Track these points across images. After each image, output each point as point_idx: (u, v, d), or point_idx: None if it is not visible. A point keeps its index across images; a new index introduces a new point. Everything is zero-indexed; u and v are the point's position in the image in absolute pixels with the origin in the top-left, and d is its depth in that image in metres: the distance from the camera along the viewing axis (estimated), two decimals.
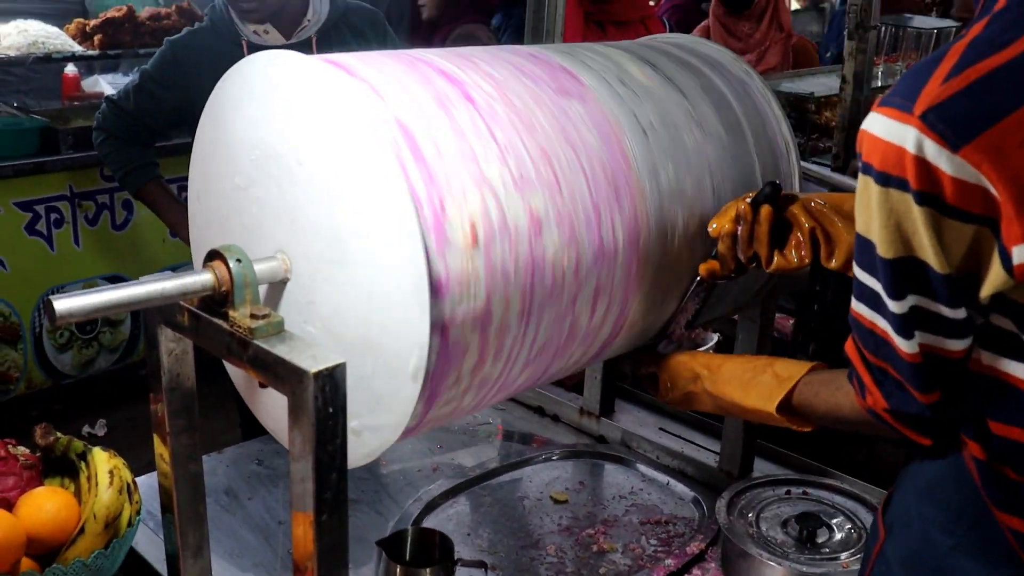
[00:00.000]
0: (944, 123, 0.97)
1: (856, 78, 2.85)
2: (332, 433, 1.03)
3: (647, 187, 1.39)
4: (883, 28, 3.53)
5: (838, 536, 1.63)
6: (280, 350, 1.05)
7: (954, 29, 3.86)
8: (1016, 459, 1.06)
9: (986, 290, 1.02)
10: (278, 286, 1.24)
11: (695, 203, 1.47)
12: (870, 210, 1.05)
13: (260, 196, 1.25)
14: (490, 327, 1.21)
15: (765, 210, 1.41)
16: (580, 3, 3.46)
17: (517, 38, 4.51)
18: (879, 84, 3.50)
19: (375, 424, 1.21)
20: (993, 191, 0.96)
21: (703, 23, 4.05)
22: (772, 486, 1.77)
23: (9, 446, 1.57)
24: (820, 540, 1.61)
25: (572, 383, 2.30)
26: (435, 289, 1.11)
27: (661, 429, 2.17)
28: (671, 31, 4.06)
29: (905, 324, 1.06)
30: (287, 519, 1.79)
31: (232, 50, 2.49)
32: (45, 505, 1.49)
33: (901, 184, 1.00)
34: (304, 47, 2.61)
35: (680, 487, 1.94)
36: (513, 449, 2.12)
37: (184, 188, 1.47)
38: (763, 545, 1.59)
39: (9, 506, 1.49)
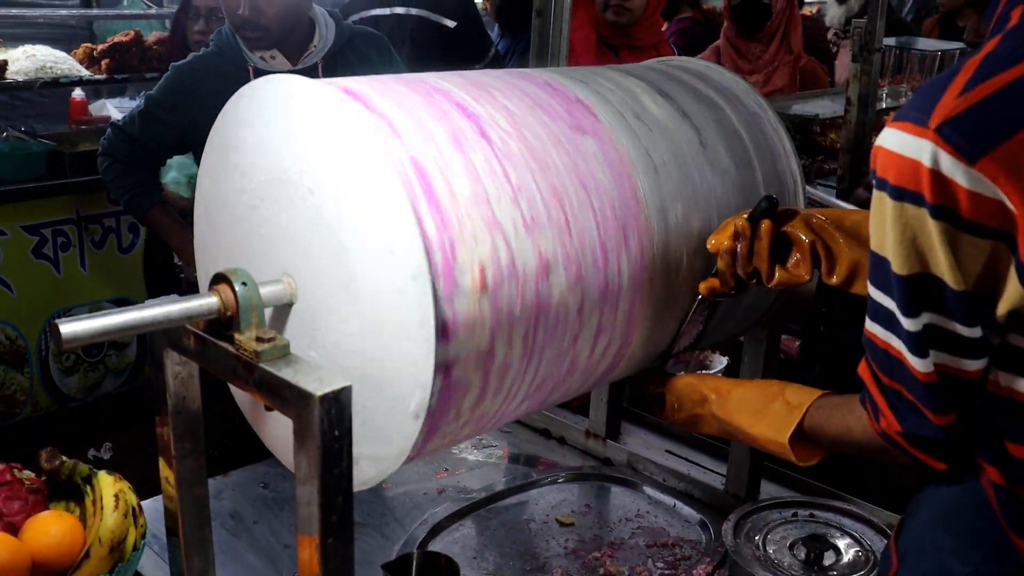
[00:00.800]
0: (960, 136, 0.96)
1: (861, 100, 2.85)
2: (338, 456, 1.03)
3: (655, 227, 1.40)
4: (887, 50, 3.54)
5: (845, 559, 1.62)
6: (286, 373, 1.05)
7: (958, 51, 3.87)
8: None
9: (1003, 307, 1.01)
10: (284, 308, 1.24)
11: (701, 241, 1.47)
12: (885, 226, 1.04)
13: (267, 219, 1.25)
14: (492, 366, 1.22)
15: (765, 224, 1.40)
16: (595, 28, 3.48)
17: (524, 62, 4.54)
18: (884, 106, 3.51)
19: (373, 454, 1.21)
20: (1010, 205, 0.96)
21: (714, 44, 4.06)
22: (779, 508, 1.76)
23: (15, 470, 1.57)
24: (827, 563, 1.60)
25: (578, 405, 2.29)
26: (441, 333, 1.12)
27: (667, 451, 2.16)
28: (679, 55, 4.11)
29: (919, 343, 1.05)
30: (293, 543, 1.79)
31: (238, 75, 2.51)
32: (50, 529, 1.49)
33: (916, 199, 0.99)
34: (310, 72, 2.63)
35: (687, 510, 1.94)
36: (519, 472, 2.12)
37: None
38: (770, 568, 1.58)
39: (14, 530, 1.49)
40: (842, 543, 1.65)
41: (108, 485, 1.56)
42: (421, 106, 1.24)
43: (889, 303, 1.07)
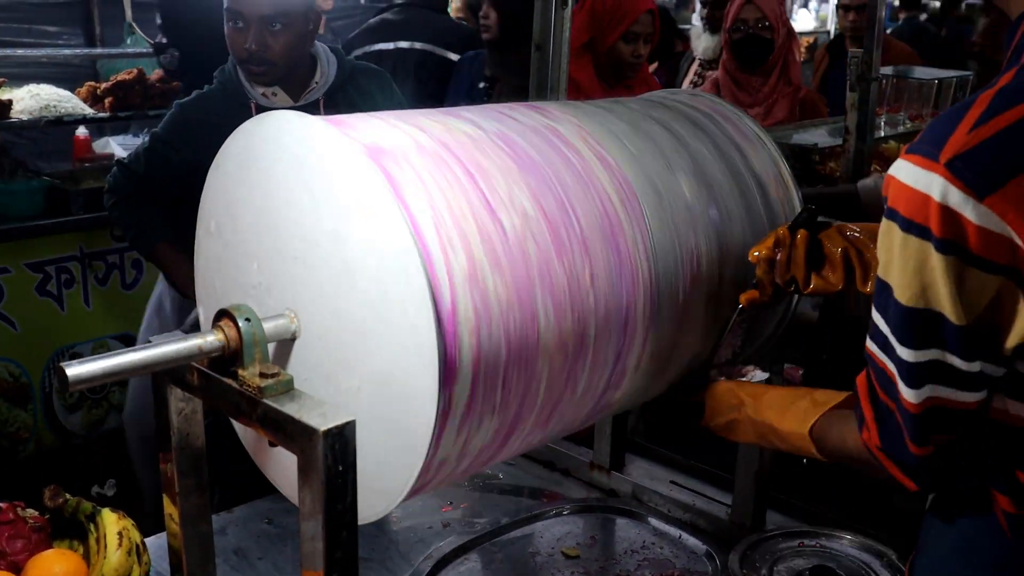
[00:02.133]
0: (970, 171, 0.97)
1: (859, 129, 2.86)
2: (342, 491, 1.03)
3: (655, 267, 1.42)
4: (884, 80, 3.56)
5: None
6: (290, 408, 1.05)
7: (955, 80, 3.89)
8: None
9: (1012, 340, 1.02)
10: (287, 343, 1.24)
11: (705, 269, 1.49)
12: (891, 254, 1.05)
13: (270, 258, 1.25)
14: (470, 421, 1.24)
15: (801, 233, 1.45)
16: (597, 74, 3.55)
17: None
18: (882, 134, 3.52)
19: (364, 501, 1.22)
20: (1019, 241, 0.96)
21: (712, 77, 4.09)
22: (786, 538, 1.75)
23: (18, 508, 1.57)
24: None
25: (582, 436, 2.29)
26: (444, 374, 1.13)
27: (672, 482, 2.15)
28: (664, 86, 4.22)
29: (915, 374, 1.06)
30: None
31: (240, 112, 2.53)
32: (54, 568, 1.48)
33: (922, 232, 1.00)
34: (312, 108, 2.65)
35: (692, 540, 1.93)
36: (523, 504, 2.11)
37: None
38: None
39: (18, 569, 1.48)
40: (850, 573, 1.64)
41: (112, 523, 1.55)
42: (453, 191, 1.21)
43: (885, 328, 1.08)
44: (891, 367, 1.09)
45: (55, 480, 1.62)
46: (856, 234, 1.44)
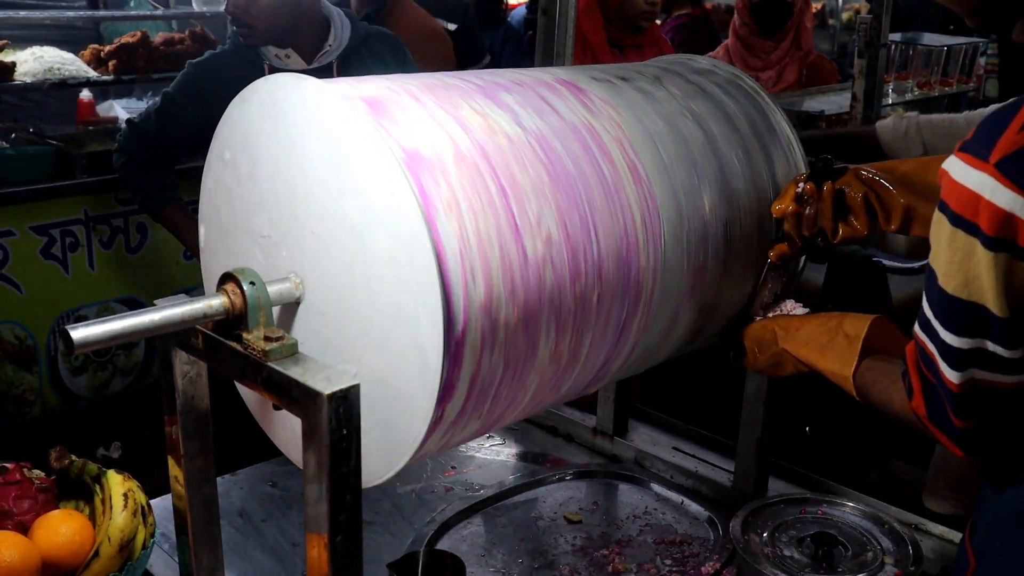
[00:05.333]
0: (1019, 172, 1.00)
1: (866, 96, 2.85)
2: (346, 454, 1.03)
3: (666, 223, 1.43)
4: (893, 46, 3.53)
5: (854, 555, 1.62)
6: (294, 372, 1.05)
7: (964, 47, 3.86)
8: None
9: None
10: (291, 307, 1.24)
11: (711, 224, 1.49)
12: (940, 244, 1.09)
13: (285, 219, 1.24)
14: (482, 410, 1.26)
15: (828, 186, 1.46)
16: (605, 28, 3.50)
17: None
18: (889, 102, 3.50)
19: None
20: None
21: (723, 43, 4.05)
22: (787, 505, 1.76)
23: (24, 469, 1.58)
24: (836, 559, 1.60)
25: (585, 402, 2.30)
26: (441, 394, 1.13)
27: (675, 448, 2.16)
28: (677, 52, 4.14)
29: (957, 357, 1.10)
30: (302, 541, 1.79)
31: (254, 73, 2.51)
32: (60, 528, 1.49)
33: (971, 229, 1.04)
34: (325, 72, 2.63)
35: (694, 506, 1.94)
36: (527, 469, 2.12)
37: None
38: (779, 565, 1.58)
39: (24, 529, 1.50)
40: (851, 540, 1.65)
41: (117, 484, 1.56)
42: (479, 192, 1.19)
43: (929, 312, 1.13)
44: (931, 347, 1.13)
45: (61, 442, 1.63)
46: (872, 175, 1.45)
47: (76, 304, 3.93)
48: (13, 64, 4.22)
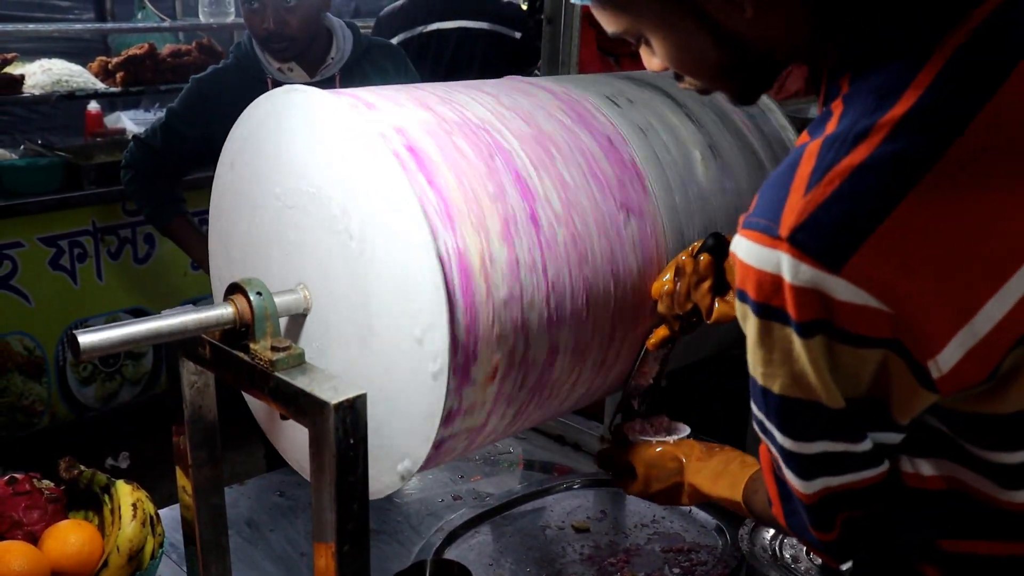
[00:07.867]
0: (816, 242, 0.84)
1: None
2: (353, 464, 1.03)
3: None
4: None
5: None
6: (301, 382, 1.06)
7: None
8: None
9: (910, 414, 0.92)
10: (298, 318, 1.25)
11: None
12: (752, 340, 0.92)
13: (286, 232, 1.25)
14: (482, 432, 1.27)
15: (704, 258, 1.32)
16: (596, 40, 3.50)
17: None
18: None
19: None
20: (887, 309, 0.83)
21: None
22: None
23: (34, 480, 1.59)
24: (844, 568, 1.60)
25: (593, 411, 2.29)
26: (445, 420, 1.15)
27: None
28: None
29: (804, 467, 0.96)
30: (309, 551, 1.79)
31: (256, 87, 2.53)
32: (69, 538, 1.50)
33: (782, 317, 0.87)
34: (328, 84, 2.64)
35: (702, 515, 1.93)
36: (534, 478, 2.12)
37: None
38: (787, 573, 1.58)
39: (34, 539, 1.50)
40: None
41: (126, 494, 1.57)
42: (481, 179, 1.20)
43: (763, 417, 0.97)
44: (774, 451, 0.98)
45: (69, 452, 1.64)
46: None
47: (84, 315, 3.95)
48: (22, 76, 4.23)
